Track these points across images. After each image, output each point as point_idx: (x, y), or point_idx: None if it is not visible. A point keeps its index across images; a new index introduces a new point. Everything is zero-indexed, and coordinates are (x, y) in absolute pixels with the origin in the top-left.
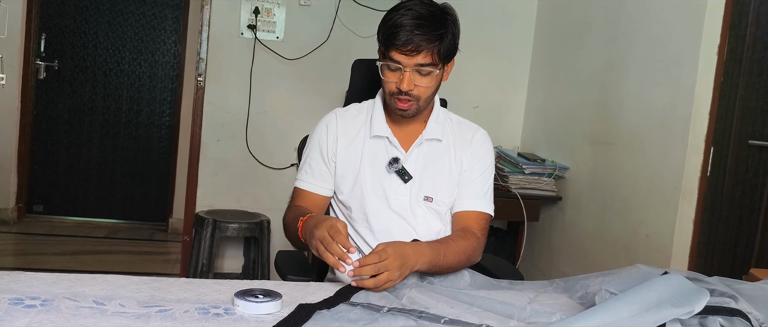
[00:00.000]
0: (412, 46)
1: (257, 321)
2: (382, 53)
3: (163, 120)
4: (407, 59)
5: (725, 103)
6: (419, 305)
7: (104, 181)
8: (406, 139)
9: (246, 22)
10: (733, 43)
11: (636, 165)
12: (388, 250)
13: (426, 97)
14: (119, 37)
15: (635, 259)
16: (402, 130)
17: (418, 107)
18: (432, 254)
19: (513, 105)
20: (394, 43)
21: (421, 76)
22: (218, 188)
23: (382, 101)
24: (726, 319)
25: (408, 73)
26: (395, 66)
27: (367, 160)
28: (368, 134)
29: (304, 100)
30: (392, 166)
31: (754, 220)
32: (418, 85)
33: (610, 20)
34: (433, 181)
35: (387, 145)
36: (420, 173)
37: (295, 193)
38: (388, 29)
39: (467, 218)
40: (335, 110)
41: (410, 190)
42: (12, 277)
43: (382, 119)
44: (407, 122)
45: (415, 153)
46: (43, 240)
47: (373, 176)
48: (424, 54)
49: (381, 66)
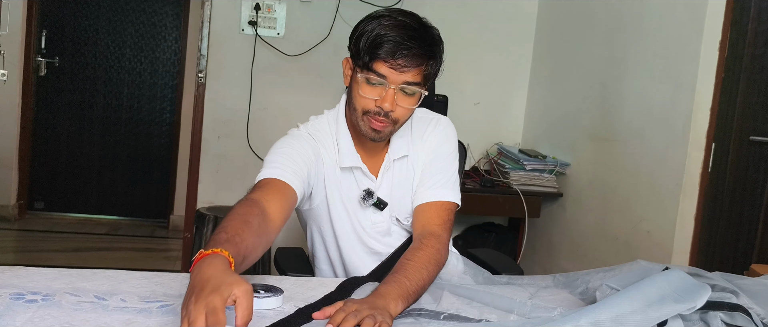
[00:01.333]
0: (403, 61)
1: (258, 316)
2: (361, 65)
3: (163, 117)
4: (394, 75)
5: (726, 99)
6: (418, 303)
7: (105, 178)
8: (373, 162)
9: (247, 19)
10: (734, 39)
11: (637, 161)
12: (349, 303)
13: (403, 120)
14: (120, 33)
15: (636, 255)
16: (369, 152)
17: (391, 131)
18: (397, 288)
19: (514, 101)
20: (381, 56)
21: (405, 95)
22: (219, 185)
23: (347, 123)
24: (727, 314)
25: (392, 90)
26: (378, 81)
27: (337, 194)
28: (337, 163)
29: (305, 96)
30: (366, 200)
31: (755, 215)
32: (400, 105)
33: (612, 16)
34: (403, 202)
35: (358, 176)
36: (392, 197)
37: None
38: (374, 38)
39: (427, 211)
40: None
41: (386, 215)
42: (13, 272)
43: (349, 146)
44: (372, 144)
45: (386, 178)
46: (44, 237)
47: (347, 211)
48: (414, 72)
49: (359, 78)
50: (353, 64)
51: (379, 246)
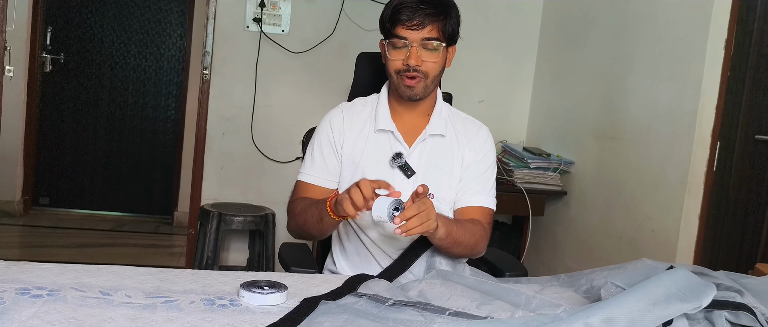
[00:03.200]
0: (418, 21)
1: (263, 312)
2: (386, 34)
3: (168, 113)
4: (413, 34)
5: (732, 98)
6: (424, 298)
7: (110, 174)
8: (409, 133)
9: (251, 16)
10: (740, 38)
11: (642, 160)
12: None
13: (433, 74)
14: (125, 30)
15: (640, 254)
16: (406, 124)
17: (425, 86)
18: (447, 221)
19: (519, 99)
20: (400, 19)
21: (428, 51)
22: (223, 181)
23: (387, 93)
24: (731, 313)
25: (415, 48)
26: (401, 43)
27: (371, 153)
28: (373, 128)
29: (310, 93)
30: (396, 160)
31: (760, 215)
32: (425, 60)
33: (617, 15)
34: (435, 178)
35: (391, 140)
36: (423, 169)
37: (299, 186)
38: (392, 9)
39: (472, 213)
40: (341, 105)
41: (413, 185)
42: (19, 267)
43: (386, 113)
44: (411, 116)
45: (418, 148)
46: (48, 232)
47: (377, 170)
48: (429, 28)
49: (387, 45)
50: (382, 39)
51: None
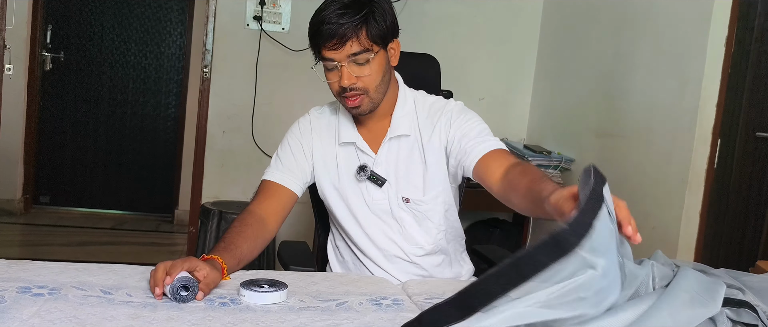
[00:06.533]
0: (337, 39)
1: (263, 310)
2: (316, 56)
3: (168, 111)
4: (337, 53)
5: (733, 95)
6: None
7: (110, 173)
8: (375, 139)
9: (252, 14)
10: (741, 35)
11: (642, 157)
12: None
13: (374, 86)
14: (125, 28)
15: (641, 252)
16: (371, 130)
17: (371, 100)
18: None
19: (519, 97)
20: (321, 41)
21: (359, 65)
22: (224, 179)
23: None
24: (733, 310)
25: (344, 67)
26: (331, 65)
27: (342, 167)
28: (337, 140)
29: (310, 91)
30: (361, 174)
31: (761, 212)
32: (359, 76)
33: (617, 11)
34: (409, 179)
35: (356, 151)
36: (393, 173)
37: (263, 186)
38: (312, 29)
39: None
40: (311, 112)
41: (387, 193)
42: (20, 266)
43: (348, 124)
44: (373, 121)
45: (384, 152)
46: (49, 231)
47: (349, 183)
48: (351, 43)
49: (322, 70)
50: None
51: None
